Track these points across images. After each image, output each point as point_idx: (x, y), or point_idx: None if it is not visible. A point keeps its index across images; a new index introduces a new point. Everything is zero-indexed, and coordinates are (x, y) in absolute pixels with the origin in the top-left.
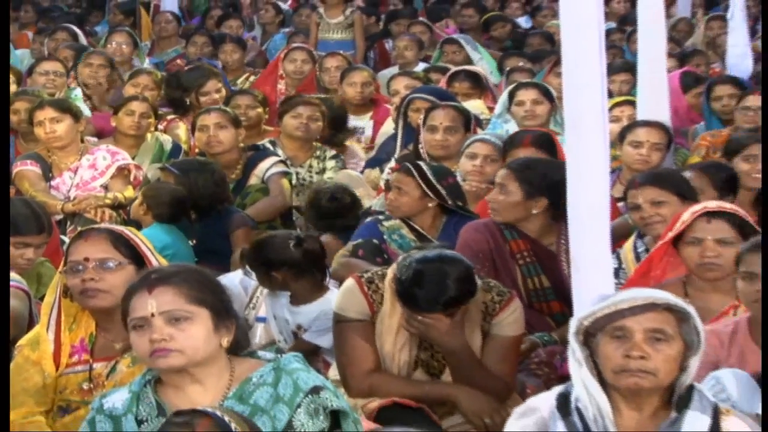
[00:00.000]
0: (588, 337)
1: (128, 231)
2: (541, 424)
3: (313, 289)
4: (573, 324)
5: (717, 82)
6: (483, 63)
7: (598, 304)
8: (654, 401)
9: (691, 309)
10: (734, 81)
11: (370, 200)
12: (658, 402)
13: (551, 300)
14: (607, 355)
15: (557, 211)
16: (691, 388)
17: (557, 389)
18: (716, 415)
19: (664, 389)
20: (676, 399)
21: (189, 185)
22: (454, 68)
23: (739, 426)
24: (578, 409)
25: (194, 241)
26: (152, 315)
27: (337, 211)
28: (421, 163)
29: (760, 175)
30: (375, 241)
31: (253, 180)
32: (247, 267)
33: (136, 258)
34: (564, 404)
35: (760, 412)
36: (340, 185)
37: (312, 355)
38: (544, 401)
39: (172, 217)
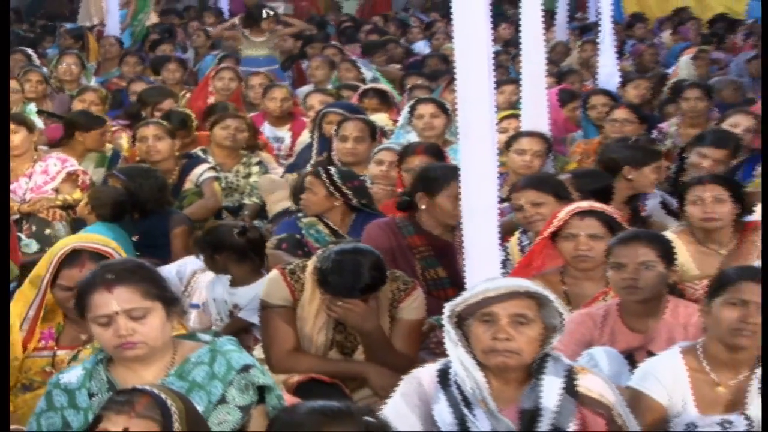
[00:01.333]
0: (461, 320)
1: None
2: (420, 391)
3: (250, 273)
4: (447, 309)
5: (592, 93)
6: (378, 81)
7: (469, 292)
8: (519, 374)
9: (550, 295)
10: (607, 93)
11: (289, 201)
12: (522, 374)
13: (447, 288)
14: (477, 337)
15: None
16: (545, 357)
17: (438, 364)
18: (571, 375)
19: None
20: (534, 368)
21: (135, 189)
22: (364, 86)
23: (594, 381)
24: (457, 383)
25: (137, 238)
26: (116, 313)
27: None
28: (330, 168)
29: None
30: (297, 235)
31: (188, 184)
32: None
33: None
34: (444, 378)
35: (629, 384)
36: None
37: (245, 332)
38: (426, 372)
39: (113, 216)
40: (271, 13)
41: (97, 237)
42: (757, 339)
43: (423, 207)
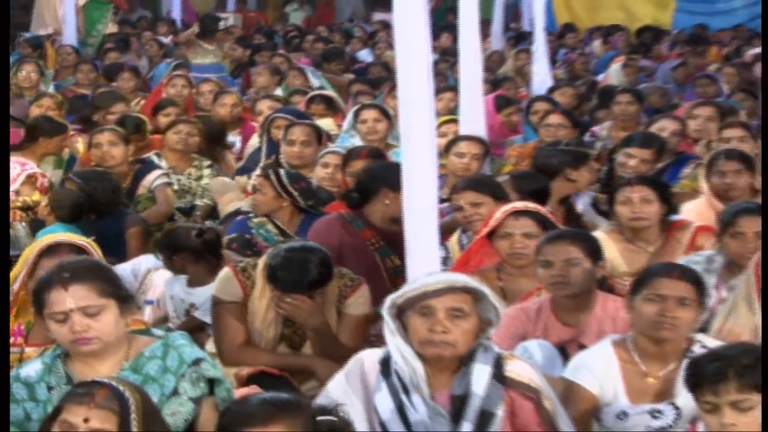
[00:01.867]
0: (401, 312)
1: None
2: (363, 373)
3: (207, 273)
4: (387, 302)
5: (535, 99)
6: (325, 88)
7: (409, 286)
8: (452, 363)
9: (486, 290)
10: (548, 99)
11: (240, 202)
12: (456, 362)
13: (405, 276)
14: (416, 328)
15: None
16: (476, 346)
17: (380, 352)
18: (499, 362)
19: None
20: (466, 356)
21: (90, 191)
22: (311, 92)
23: (522, 366)
24: (397, 372)
25: (93, 238)
26: (71, 310)
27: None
28: (279, 170)
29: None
30: (246, 235)
31: (142, 189)
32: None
33: None
34: (386, 368)
35: (562, 375)
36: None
37: (200, 330)
38: (370, 358)
39: (71, 218)
40: (225, 25)
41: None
42: (678, 331)
43: (386, 202)
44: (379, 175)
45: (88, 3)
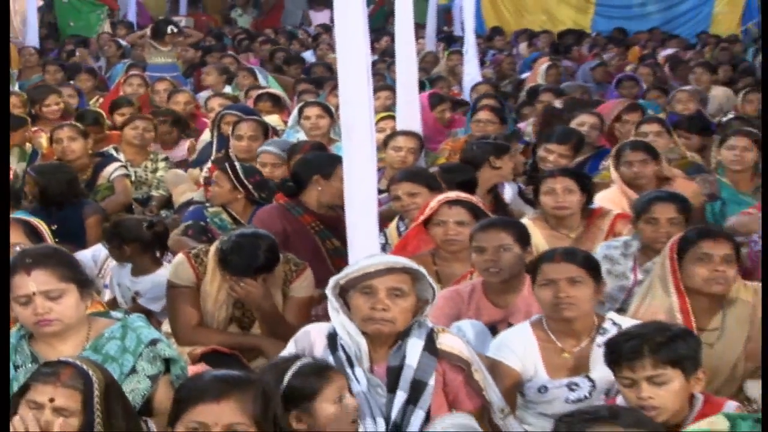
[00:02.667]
0: (344, 292)
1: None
2: (308, 342)
3: (152, 264)
4: (331, 282)
5: (457, 101)
6: (270, 88)
7: (351, 267)
8: (391, 338)
9: (423, 270)
10: (459, 102)
11: (192, 193)
12: (394, 337)
13: (345, 256)
14: (358, 307)
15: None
16: (413, 324)
17: (326, 327)
18: (431, 336)
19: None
20: (402, 332)
21: (45, 184)
22: (260, 90)
23: (453, 339)
24: (343, 347)
25: (55, 226)
26: (34, 294)
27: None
28: (235, 164)
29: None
30: (202, 223)
31: (101, 180)
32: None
33: None
34: (333, 343)
35: (487, 354)
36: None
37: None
38: (315, 329)
39: (33, 209)
40: (176, 29)
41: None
42: (577, 309)
43: (319, 188)
44: (311, 164)
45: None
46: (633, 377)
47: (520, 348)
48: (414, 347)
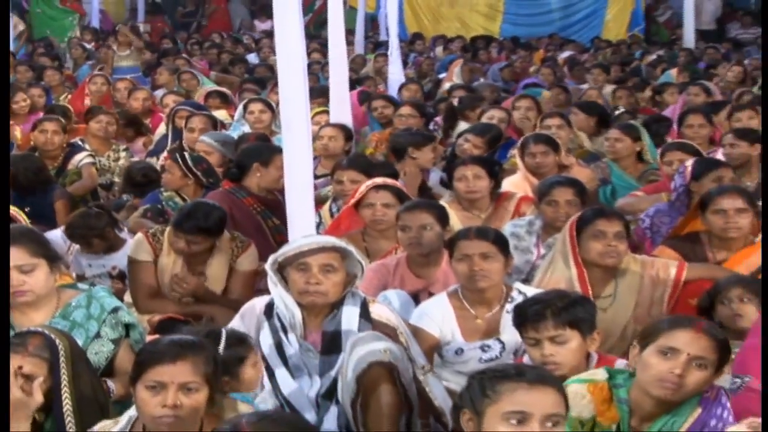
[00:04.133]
0: (282, 268)
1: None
2: (253, 314)
3: (117, 239)
4: (270, 259)
5: (374, 98)
6: (210, 86)
7: (288, 246)
8: (325, 309)
9: (352, 248)
10: (387, 98)
11: None
12: (327, 308)
13: (285, 233)
14: (294, 281)
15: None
16: (346, 294)
17: (267, 298)
18: (365, 305)
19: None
20: (337, 301)
21: (15, 172)
22: (209, 88)
23: (382, 309)
24: (278, 315)
25: (28, 209)
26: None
27: (147, 182)
28: (184, 153)
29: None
30: (158, 206)
31: (71, 167)
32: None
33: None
34: (270, 311)
35: (409, 321)
36: (148, 164)
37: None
38: (259, 302)
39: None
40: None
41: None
42: (489, 280)
43: (258, 174)
44: (251, 153)
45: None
46: (537, 337)
47: (438, 316)
48: (351, 314)
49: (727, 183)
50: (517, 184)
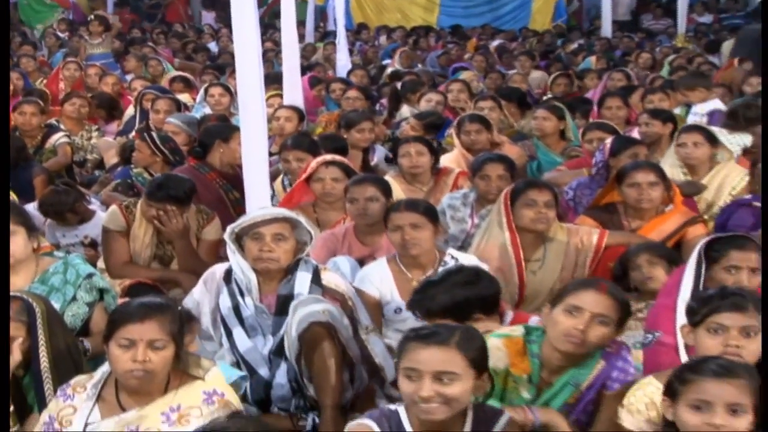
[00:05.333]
0: (239, 237)
1: None
2: (213, 280)
3: (87, 211)
4: (227, 230)
5: (331, 81)
6: (175, 72)
7: (244, 217)
8: (279, 275)
9: (301, 218)
10: (342, 80)
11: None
12: (281, 273)
13: (244, 205)
14: (249, 249)
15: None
16: (299, 261)
17: (226, 265)
18: (317, 272)
19: (287, 267)
20: (290, 268)
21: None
22: (173, 74)
23: (332, 276)
24: (236, 280)
25: (10, 184)
26: None
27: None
28: (152, 133)
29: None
30: (128, 181)
31: (48, 146)
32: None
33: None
34: (228, 276)
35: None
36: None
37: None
38: (219, 268)
39: None
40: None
41: None
42: (420, 247)
43: (221, 151)
44: (213, 132)
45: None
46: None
47: (377, 279)
48: (303, 279)
49: (641, 159)
50: (455, 160)
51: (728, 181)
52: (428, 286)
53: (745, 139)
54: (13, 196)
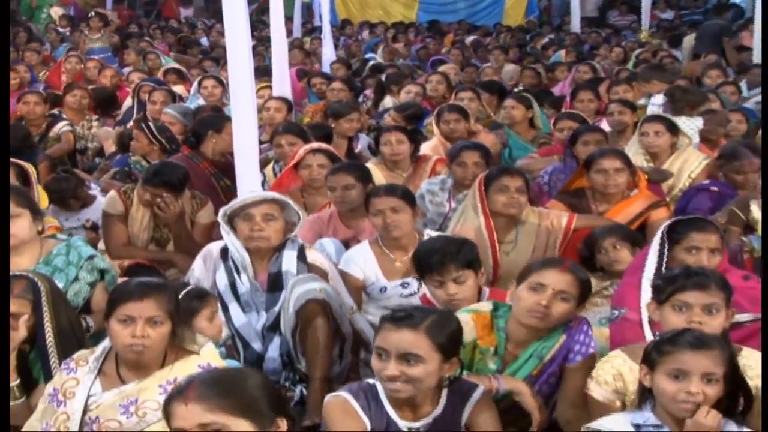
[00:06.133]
0: (231, 219)
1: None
2: (210, 257)
3: (88, 196)
4: (220, 212)
5: (312, 75)
6: (171, 64)
7: (236, 200)
8: (269, 253)
9: (289, 200)
10: (324, 75)
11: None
12: (272, 251)
13: (234, 192)
14: (241, 229)
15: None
16: (286, 240)
17: (221, 243)
18: (302, 250)
19: (276, 246)
20: (279, 246)
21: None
22: (166, 66)
23: (316, 254)
24: (232, 258)
25: None
26: None
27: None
28: (150, 123)
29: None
30: (126, 168)
31: (52, 134)
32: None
33: None
34: (225, 254)
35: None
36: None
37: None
38: (215, 246)
39: None
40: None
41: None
42: (401, 230)
43: (213, 140)
44: (206, 123)
45: None
46: (441, 279)
47: (361, 260)
48: (289, 257)
49: (601, 146)
50: (434, 148)
51: (687, 166)
52: (425, 245)
53: (697, 122)
54: (14, 180)
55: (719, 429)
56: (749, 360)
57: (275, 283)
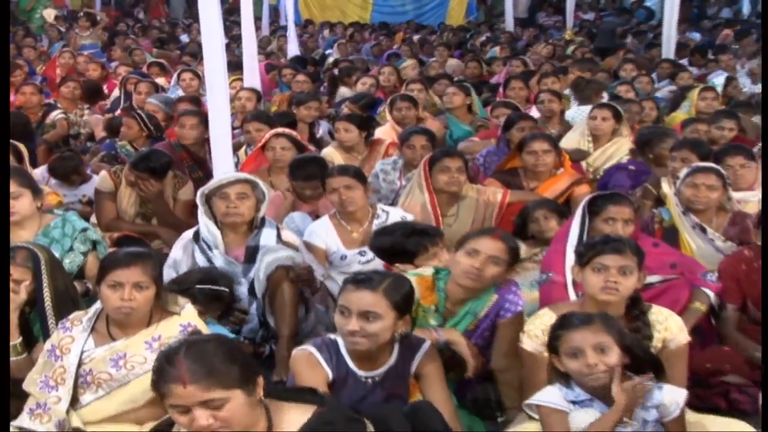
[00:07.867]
0: (208, 199)
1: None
2: (189, 239)
3: (86, 175)
4: (199, 192)
5: (283, 67)
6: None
7: (212, 181)
8: (245, 228)
9: (259, 180)
10: (292, 67)
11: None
12: (248, 228)
13: (204, 181)
14: (218, 207)
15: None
16: (263, 220)
17: (195, 229)
18: (278, 229)
19: (250, 221)
20: (256, 225)
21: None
22: (150, 60)
23: (288, 233)
24: (203, 239)
25: None
26: None
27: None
28: (140, 112)
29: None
30: (113, 152)
31: (48, 121)
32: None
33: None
34: (196, 237)
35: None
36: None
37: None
38: (189, 233)
39: None
40: (82, 15)
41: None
42: (355, 205)
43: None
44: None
45: None
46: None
47: (323, 232)
48: (269, 234)
49: (533, 132)
50: (387, 133)
51: (618, 153)
52: (380, 232)
53: (586, 110)
54: (14, 162)
55: (640, 393)
56: (658, 316)
57: (253, 255)
